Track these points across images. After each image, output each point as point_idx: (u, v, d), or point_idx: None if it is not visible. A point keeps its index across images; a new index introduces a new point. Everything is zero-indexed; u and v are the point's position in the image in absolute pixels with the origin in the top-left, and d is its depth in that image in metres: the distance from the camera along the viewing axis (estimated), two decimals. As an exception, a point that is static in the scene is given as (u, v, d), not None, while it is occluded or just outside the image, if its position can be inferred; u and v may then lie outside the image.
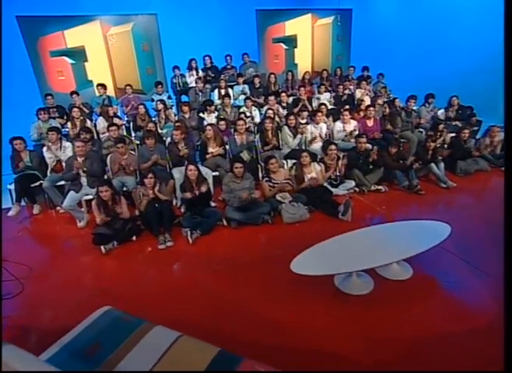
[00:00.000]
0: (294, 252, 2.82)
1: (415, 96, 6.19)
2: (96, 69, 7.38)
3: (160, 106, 5.83)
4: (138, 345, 1.77)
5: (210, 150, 4.87)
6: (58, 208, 4.66)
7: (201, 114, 6.01)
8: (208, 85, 6.79)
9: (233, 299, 2.80)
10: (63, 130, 5.59)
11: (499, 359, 1.27)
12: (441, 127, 5.77)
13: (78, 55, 7.24)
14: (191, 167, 3.96)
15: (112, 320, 1.98)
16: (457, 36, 7.67)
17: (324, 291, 2.81)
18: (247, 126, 5.59)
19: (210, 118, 5.90)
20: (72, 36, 7.13)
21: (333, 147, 4.72)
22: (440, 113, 6.46)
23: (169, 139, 5.17)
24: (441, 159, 5.12)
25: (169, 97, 6.73)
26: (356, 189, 4.82)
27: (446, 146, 5.67)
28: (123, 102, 6.67)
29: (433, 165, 4.99)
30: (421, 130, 6.22)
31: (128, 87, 6.60)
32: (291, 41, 8.75)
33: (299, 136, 5.30)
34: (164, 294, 2.92)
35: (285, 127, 5.35)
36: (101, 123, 5.70)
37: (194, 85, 6.72)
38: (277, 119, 5.86)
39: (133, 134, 5.88)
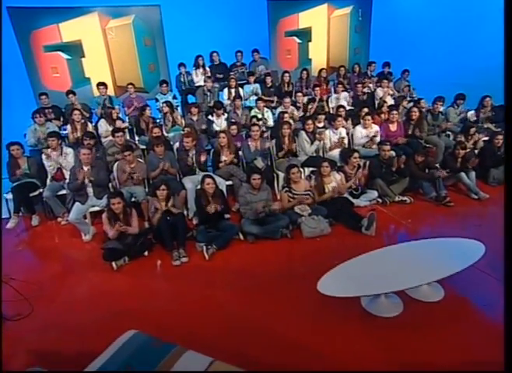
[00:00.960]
0: (316, 270, 2.99)
1: (443, 98, 6.23)
2: (93, 65, 7.59)
3: (166, 109, 5.99)
4: (173, 370, 1.96)
5: (223, 158, 5.05)
6: (59, 219, 4.85)
7: (209, 117, 6.16)
8: (216, 85, 6.95)
9: (252, 318, 2.97)
10: (60, 132, 5.71)
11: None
12: (473, 130, 5.76)
13: (74, 50, 7.45)
14: (209, 180, 4.09)
15: (141, 344, 2.17)
16: (491, 27, 7.54)
17: (350, 312, 2.98)
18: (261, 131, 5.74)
19: (220, 121, 6.05)
20: (68, 30, 7.33)
21: (356, 155, 4.89)
22: (470, 114, 6.48)
23: (177, 144, 5.35)
24: (472, 168, 5.18)
25: (174, 97, 6.89)
26: (379, 200, 4.98)
27: (477, 152, 5.67)
28: (125, 103, 6.85)
29: (462, 174, 5.09)
30: (448, 133, 6.28)
31: (130, 86, 6.77)
32: (305, 34, 8.95)
33: (316, 142, 5.45)
34: (180, 312, 3.10)
35: (303, 132, 5.49)
36: (103, 126, 5.83)
37: (201, 83, 6.88)
38: (292, 122, 6.01)
39: (136, 138, 6.03)
